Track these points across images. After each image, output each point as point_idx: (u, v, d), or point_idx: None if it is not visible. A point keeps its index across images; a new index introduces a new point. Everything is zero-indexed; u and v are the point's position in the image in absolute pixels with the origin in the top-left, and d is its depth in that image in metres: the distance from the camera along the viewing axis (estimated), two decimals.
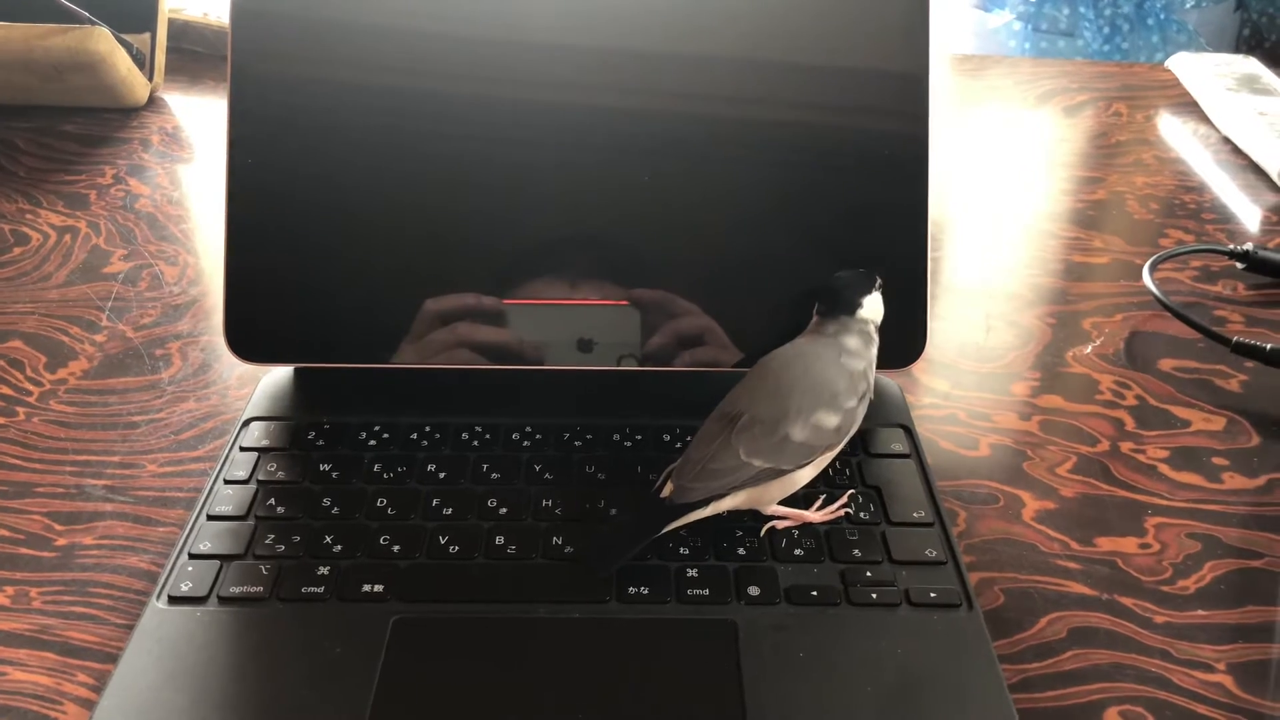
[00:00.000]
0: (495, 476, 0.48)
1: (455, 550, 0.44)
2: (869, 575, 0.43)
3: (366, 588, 0.43)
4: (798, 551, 0.44)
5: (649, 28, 0.51)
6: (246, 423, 0.51)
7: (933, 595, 0.42)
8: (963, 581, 0.43)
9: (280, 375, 0.54)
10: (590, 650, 0.40)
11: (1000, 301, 0.65)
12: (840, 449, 0.46)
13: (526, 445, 0.50)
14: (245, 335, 0.51)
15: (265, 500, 0.47)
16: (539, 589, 0.43)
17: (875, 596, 0.42)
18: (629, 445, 0.50)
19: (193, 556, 0.44)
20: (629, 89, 0.51)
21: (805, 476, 0.45)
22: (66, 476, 0.51)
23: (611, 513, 0.46)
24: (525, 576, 0.43)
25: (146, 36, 0.86)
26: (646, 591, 0.42)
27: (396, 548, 0.44)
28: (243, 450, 0.50)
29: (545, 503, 0.47)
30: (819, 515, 0.46)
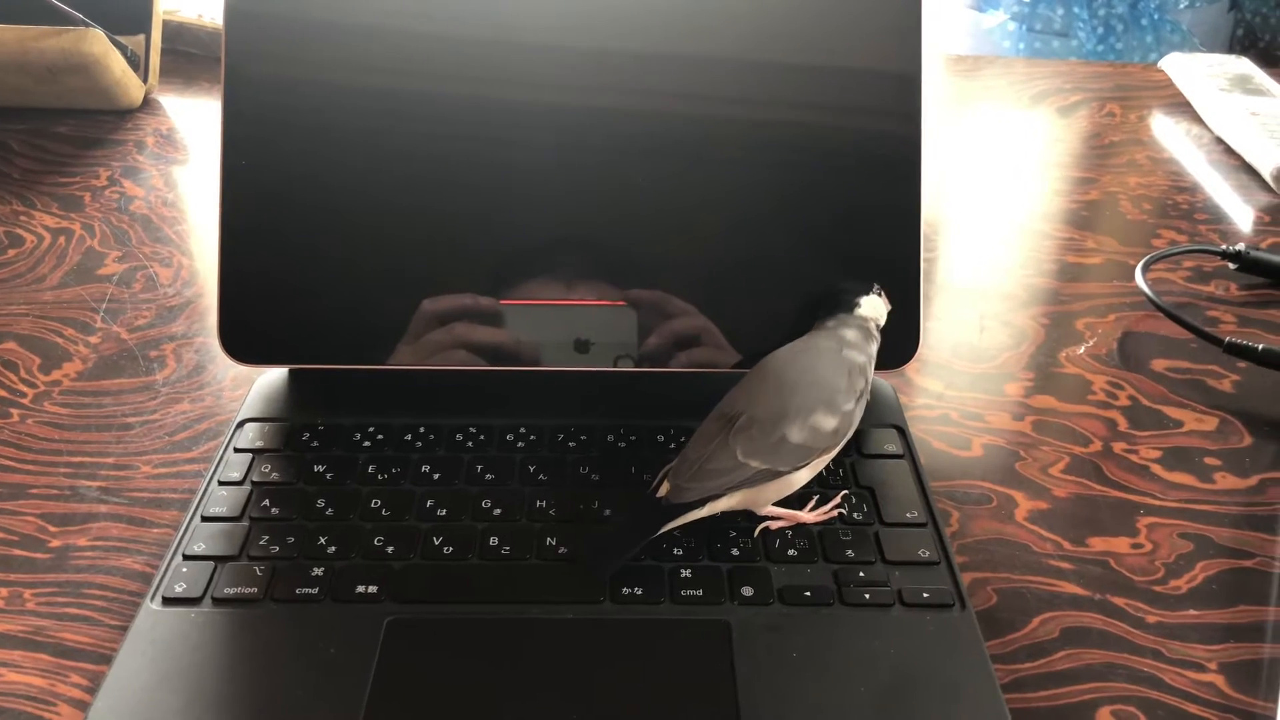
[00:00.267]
0: (489, 477, 0.48)
1: (449, 551, 0.44)
2: (862, 575, 0.44)
3: (361, 589, 0.43)
4: (791, 552, 0.45)
5: (643, 29, 0.51)
6: (241, 424, 0.51)
7: (926, 595, 0.43)
8: (955, 582, 0.43)
9: (274, 377, 0.54)
10: (584, 651, 0.41)
11: (994, 302, 0.65)
12: (837, 452, 0.46)
13: (520, 446, 0.50)
14: (239, 337, 0.51)
15: (259, 501, 0.47)
16: (533, 590, 0.43)
17: (868, 597, 0.43)
18: (623, 446, 0.50)
19: (187, 558, 0.44)
20: (623, 89, 0.51)
21: (802, 479, 0.45)
22: (61, 478, 0.51)
23: (606, 513, 0.46)
24: (519, 577, 0.43)
25: (141, 38, 0.86)
26: (640, 592, 0.43)
27: (391, 549, 0.44)
28: (237, 451, 0.50)
29: (539, 504, 0.47)
30: (812, 516, 0.46)
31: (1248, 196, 0.78)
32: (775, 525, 0.46)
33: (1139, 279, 0.63)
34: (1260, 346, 0.57)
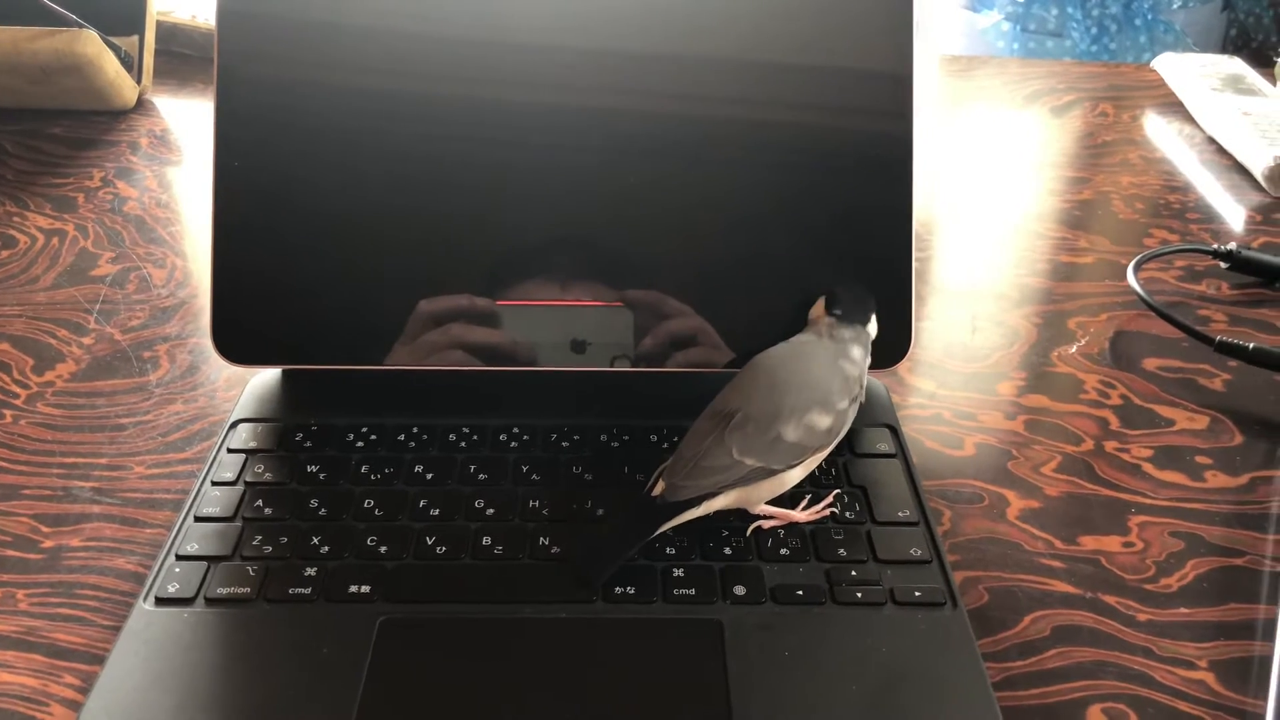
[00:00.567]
0: (483, 477, 0.48)
1: (442, 551, 0.44)
2: (854, 574, 0.44)
3: (353, 588, 0.43)
4: (783, 551, 0.45)
5: (637, 29, 0.51)
6: (234, 424, 0.51)
7: (917, 594, 0.43)
8: (947, 580, 0.43)
9: (268, 377, 0.54)
10: (576, 650, 0.41)
11: (986, 301, 0.65)
12: (830, 451, 0.46)
13: (514, 446, 0.50)
14: (233, 337, 0.51)
15: (253, 502, 0.47)
16: (526, 589, 0.43)
17: (860, 596, 0.43)
18: (616, 446, 0.50)
19: (180, 558, 0.44)
20: (617, 90, 0.51)
21: (795, 477, 0.45)
22: (54, 479, 0.51)
23: (599, 513, 0.47)
24: (512, 577, 0.43)
25: (135, 39, 0.86)
26: (633, 591, 0.43)
27: (384, 549, 0.45)
28: (230, 452, 0.50)
29: (532, 503, 0.47)
30: (805, 515, 0.46)
31: (1239, 196, 0.78)
32: (768, 525, 0.46)
33: (1131, 278, 0.64)
34: (1251, 345, 0.57)
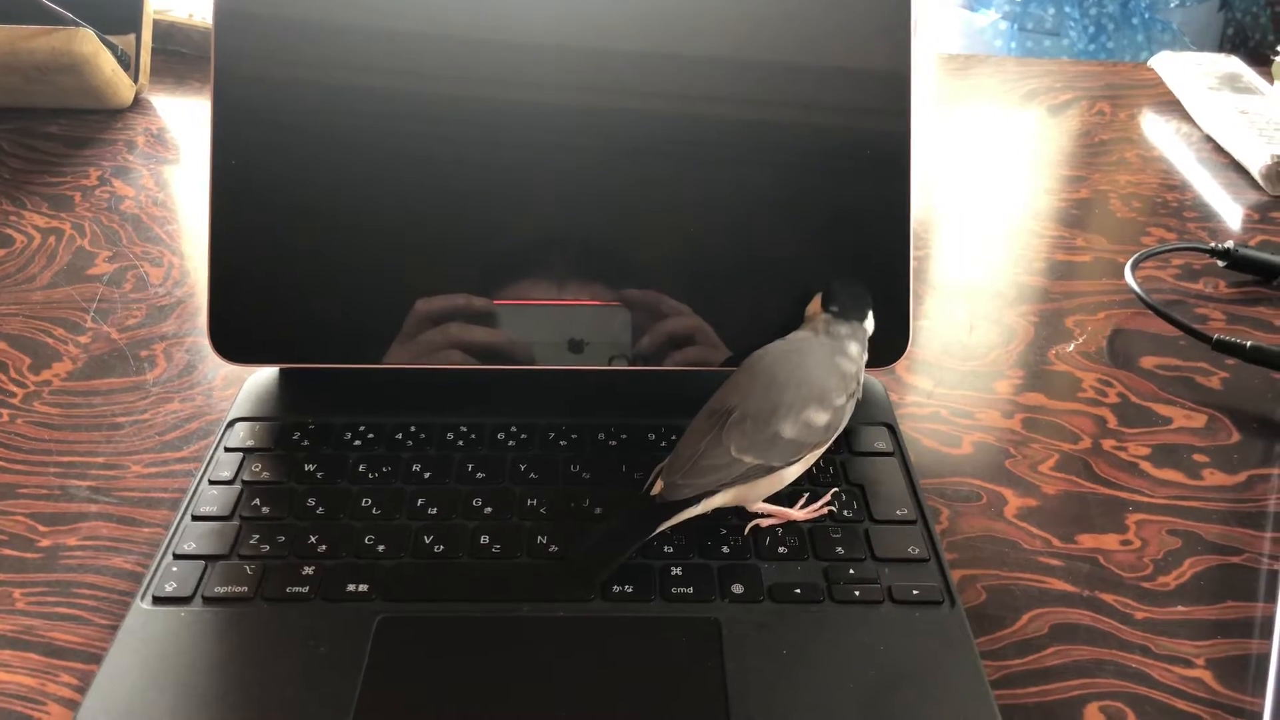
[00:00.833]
0: (480, 476, 0.48)
1: (440, 550, 0.44)
2: (852, 573, 0.44)
3: (351, 587, 0.43)
4: (781, 550, 0.45)
5: (633, 28, 0.51)
6: (231, 423, 0.51)
7: (915, 593, 0.43)
8: (945, 579, 0.43)
9: (265, 376, 0.54)
10: (574, 649, 0.41)
11: (984, 300, 0.65)
12: (827, 447, 0.46)
13: (512, 445, 0.50)
14: (230, 336, 0.51)
15: (250, 501, 0.47)
16: (523, 588, 0.43)
17: (858, 594, 0.43)
18: (614, 445, 0.50)
19: (177, 557, 0.44)
20: (614, 89, 0.51)
21: (794, 474, 0.45)
22: (51, 478, 0.50)
23: (597, 511, 0.46)
24: (510, 576, 0.43)
25: (131, 38, 0.86)
26: (630, 590, 0.43)
27: (381, 547, 0.44)
28: (227, 451, 0.50)
29: (530, 502, 0.47)
30: (803, 513, 0.46)
31: (1237, 194, 0.78)
32: (765, 523, 0.46)
33: (1128, 277, 0.64)
34: (1248, 344, 0.57)
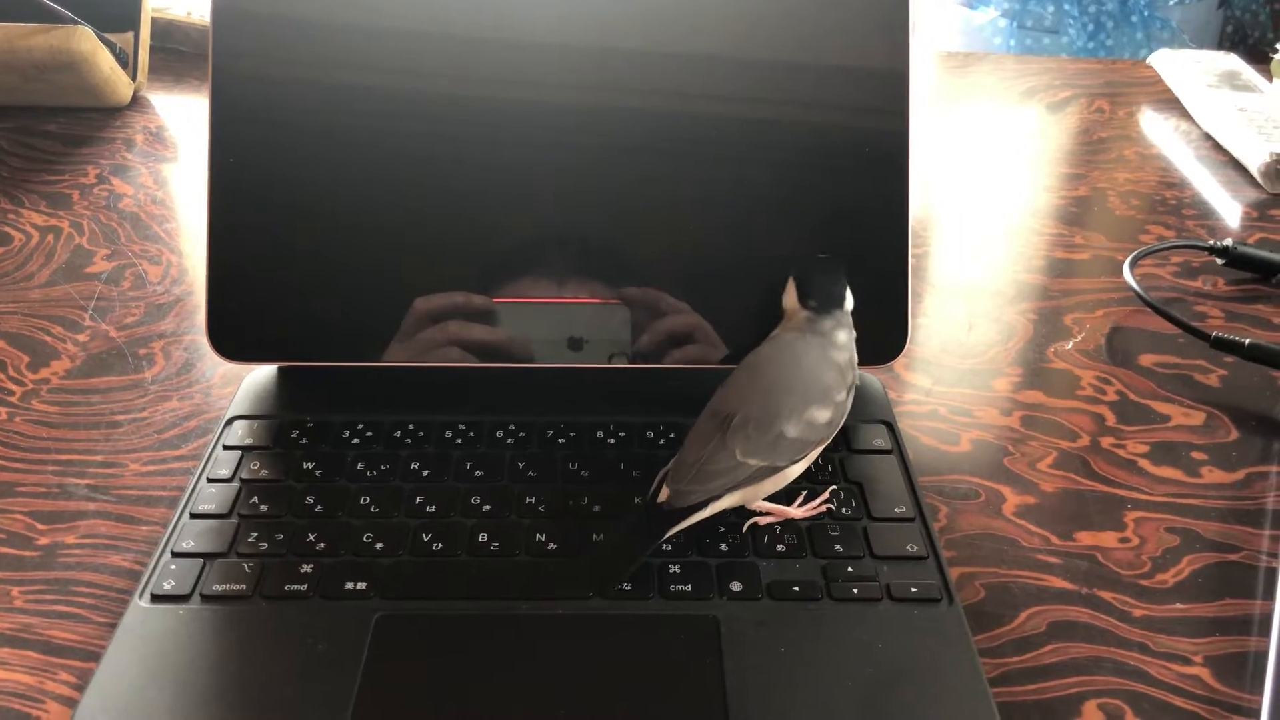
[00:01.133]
0: (479, 474, 0.48)
1: (438, 548, 0.44)
2: (850, 570, 0.44)
3: (349, 585, 0.43)
4: (780, 547, 0.45)
5: (631, 27, 0.51)
6: (230, 421, 0.51)
7: (913, 590, 0.43)
8: (943, 576, 0.43)
9: (263, 374, 0.54)
10: (573, 646, 0.41)
11: (982, 298, 0.65)
12: (829, 441, 0.46)
13: (510, 443, 0.50)
14: (228, 334, 0.51)
15: (248, 499, 0.47)
16: (522, 586, 0.43)
17: (856, 591, 0.43)
18: (612, 443, 0.50)
19: (175, 555, 0.44)
20: (612, 87, 0.51)
21: (797, 471, 0.45)
22: (49, 476, 0.50)
23: (595, 509, 0.46)
24: (508, 573, 0.43)
25: (130, 35, 0.86)
26: (629, 588, 0.43)
27: (379, 545, 0.44)
28: (226, 449, 0.49)
29: (528, 500, 0.47)
30: (801, 511, 0.46)
31: (1235, 192, 0.78)
32: (764, 521, 0.46)
33: (1127, 274, 0.64)
34: (1247, 341, 0.57)
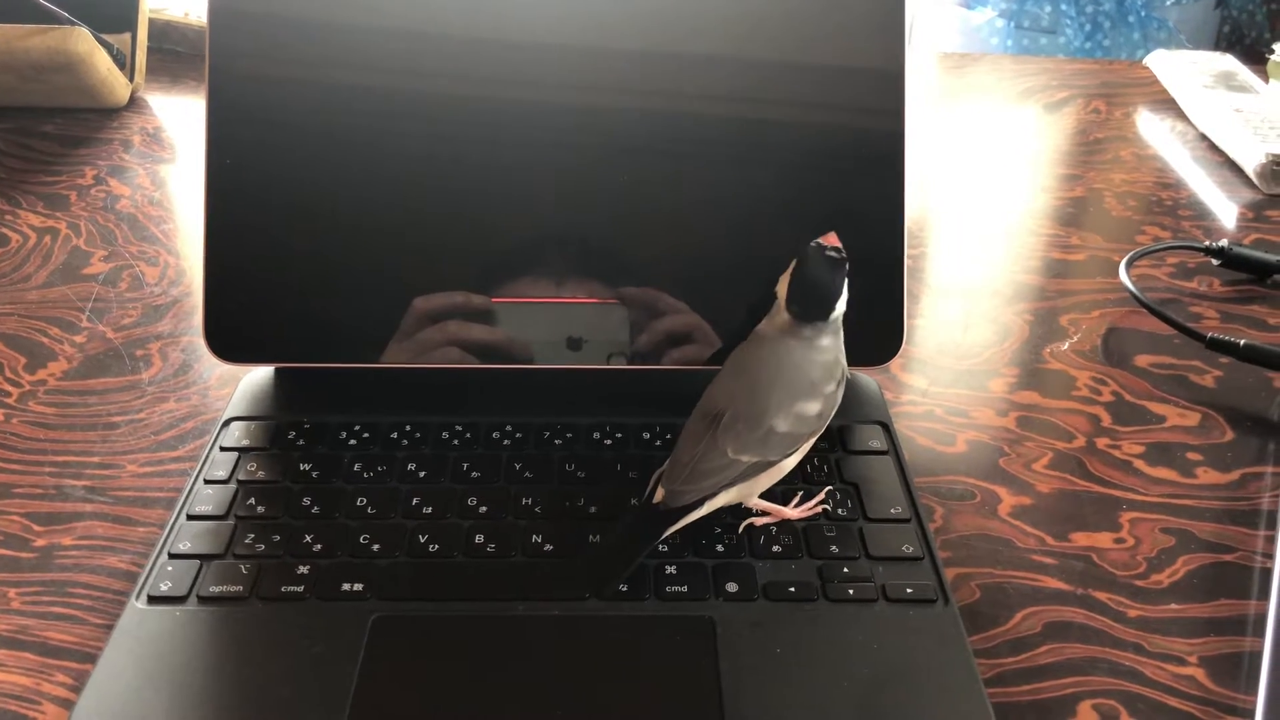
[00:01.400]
0: (475, 475, 0.48)
1: (435, 549, 0.45)
2: (846, 571, 0.44)
3: (346, 586, 0.43)
4: (775, 548, 0.45)
5: (628, 27, 0.51)
6: (227, 423, 0.51)
7: (909, 591, 0.43)
8: (939, 577, 0.44)
9: (260, 375, 0.54)
10: (569, 647, 0.41)
11: (978, 298, 0.65)
12: (822, 431, 0.46)
13: (507, 444, 0.50)
14: (225, 335, 0.51)
15: (245, 500, 0.47)
16: (518, 587, 0.43)
17: (852, 592, 0.43)
18: (609, 443, 0.50)
19: (172, 556, 0.44)
20: (610, 87, 0.51)
21: (792, 463, 0.45)
22: (46, 477, 0.50)
23: (592, 510, 0.47)
24: (505, 574, 0.44)
25: (127, 36, 0.86)
26: (625, 589, 0.43)
27: (376, 547, 0.45)
28: (223, 450, 0.50)
29: (525, 501, 0.47)
30: (797, 512, 0.46)
31: (1231, 193, 0.78)
32: (760, 522, 0.46)
33: (1123, 275, 0.64)
34: (1242, 342, 0.57)
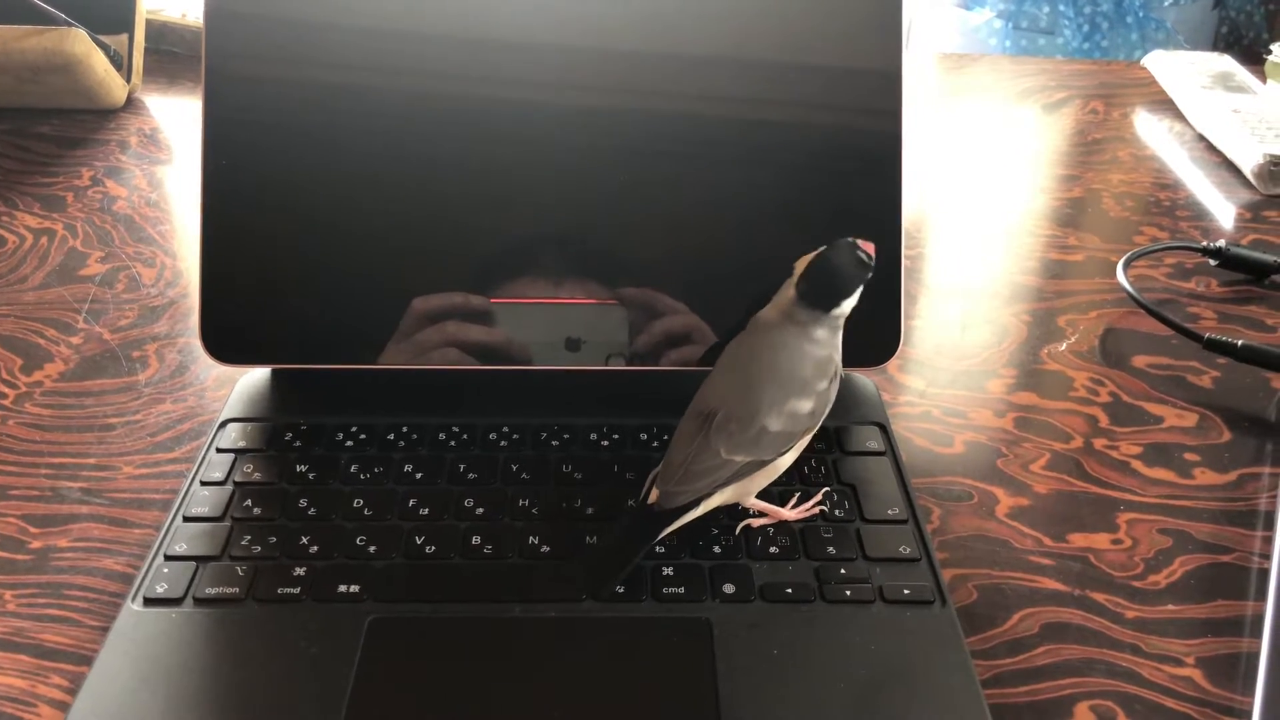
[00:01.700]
0: (472, 477, 0.48)
1: (431, 550, 0.44)
2: (843, 573, 0.44)
3: (342, 588, 0.43)
4: (773, 549, 0.45)
5: (627, 27, 0.51)
6: (223, 424, 0.51)
7: (906, 592, 0.43)
8: (936, 578, 0.43)
9: (257, 377, 0.54)
10: (566, 649, 0.41)
11: (976, 299, 0.65)
12: (818, 428, 0.46)
13: (504, 445, 0.50)
14: (222, 337, 0.51)
15: (242, 502, 0.47)
16: (515, 589, 0.43)
17: (849, 594, 0.43)
18: (606, 445, 0.50)
19: (169, 558, 0.44)
20: (609, 88, 0.51)
21: (787, 462, 0.45)
22: (42, 479, 0.50)
23: (589, 511, 0.47)
24: (501, 576, 0.43)
25: (124, 38, 0.86)
26: (622, 590, 0.43)
27: (373, 548, 0.44)
28: (219, 452, 0.49)
29: (522, 502, 0.47)
30: (794, 513, 0.46)
31: (1229, 193, 0.78)
32: (757, 523, 0.46)
33: (1121, 276, 0.64)
34: (1240, 343, 0.57)
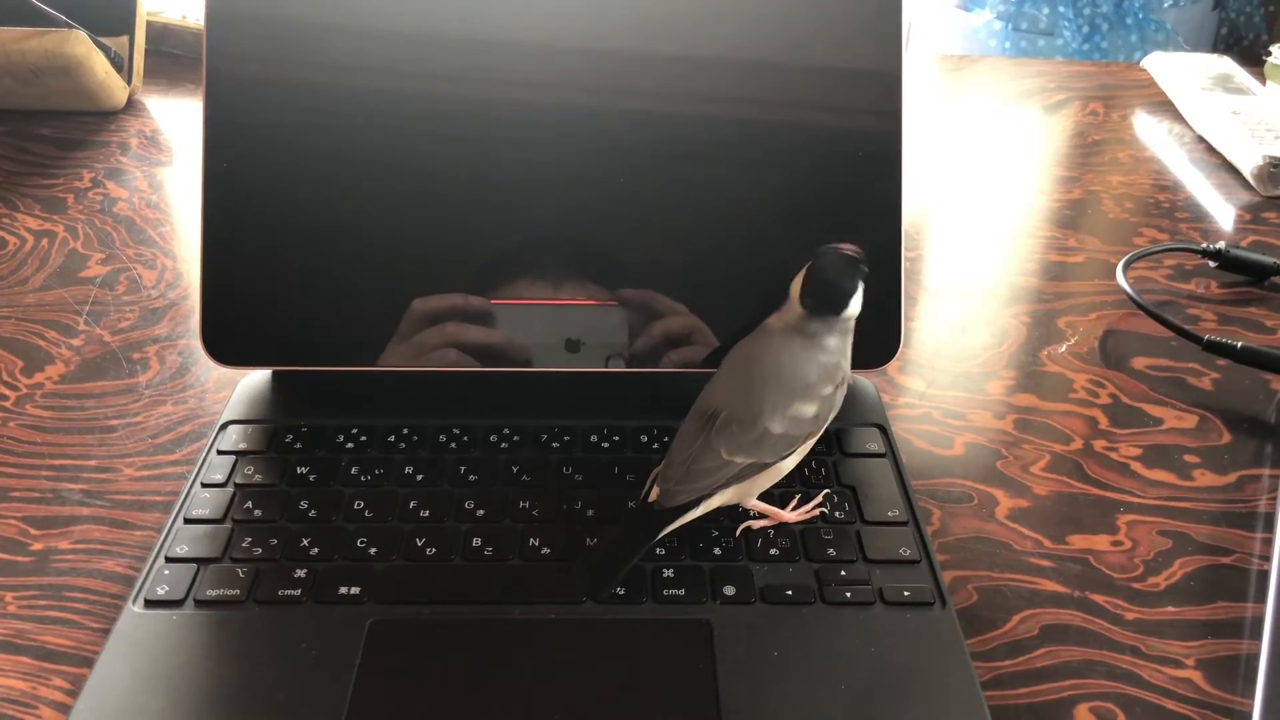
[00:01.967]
0: (473, 478, 0.48)
1: (432, 552, 0.44)
2: (843, 574, 0.44)
3: (343, 590, 0.43)
4: (773, 551, 0.45)
5: (627, 29, 0.51)
6: (224, 426, 0.51)
7: (906, 594, 0.43)
8: (936, 580, 0.44)
9: (258, 378, 0.54)
10: (566, 651, 0.41)
11: (976, 301, 0.65)
12: (821, 434, 0.46)
13: (504, 447, 0.50)
14: (222, 339, 0.51)
15: (242, 503, 0.47)
16: (515, 590, 0.43)
17: (849, 595, 0.43)
18: (606, 446, 0.50)
19: (169, 560, 0.44)
20: (608, 89, 0.51)
21: (789, 465, 0.45)
22: (43, 481, 0.50)
23: (589, 513, 0.47)
24: (502, 578, 0.43)
25: (125, 39, 0.86)
26: (622, 592, 0.43)
27: (373, 550, 0.44)
28: (220, 453, 0.50)
29: (522, 504, 0.47)
30: (794, 515, 0.46)
31: (1229, 195, 0.78)
32: (757, 525, 0.46)
33: (1120, 277, 0.64)
34: (1239, 344, 0.57)
